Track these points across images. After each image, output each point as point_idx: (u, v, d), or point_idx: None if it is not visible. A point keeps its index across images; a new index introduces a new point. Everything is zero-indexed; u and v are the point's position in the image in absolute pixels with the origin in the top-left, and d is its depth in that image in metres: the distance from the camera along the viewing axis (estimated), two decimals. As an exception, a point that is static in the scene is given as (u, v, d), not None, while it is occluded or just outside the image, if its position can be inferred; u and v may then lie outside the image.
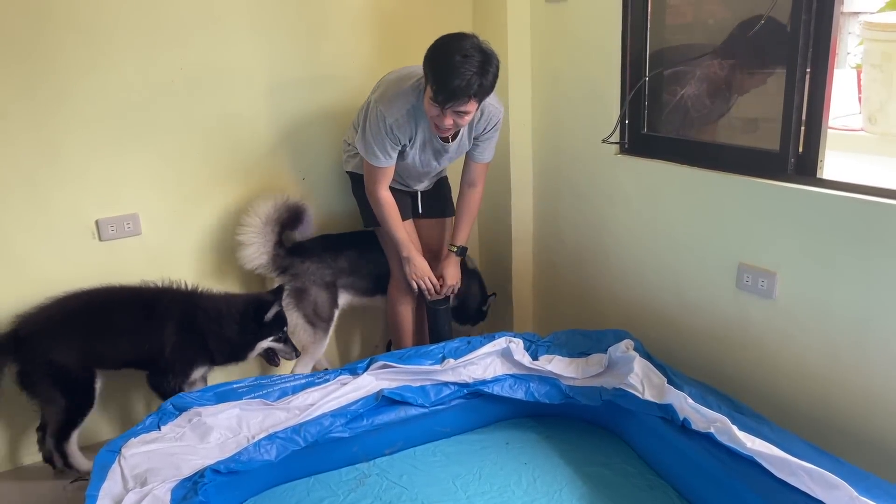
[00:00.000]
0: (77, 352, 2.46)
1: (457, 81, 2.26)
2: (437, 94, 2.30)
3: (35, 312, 2.49)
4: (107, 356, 2.54)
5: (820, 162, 2.10)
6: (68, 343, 2.45)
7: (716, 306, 2.44)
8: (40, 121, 2.50)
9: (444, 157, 2.70)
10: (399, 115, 2.49)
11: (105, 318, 2.52)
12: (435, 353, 2.47)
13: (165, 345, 2.53)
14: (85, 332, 2.48)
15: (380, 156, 2.56)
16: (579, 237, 3.03)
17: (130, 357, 2.56)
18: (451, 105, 2.32)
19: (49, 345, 2.43)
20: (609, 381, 2.37)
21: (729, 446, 1.93)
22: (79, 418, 2.50)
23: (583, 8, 2.78)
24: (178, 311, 2.56)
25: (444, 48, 2.32)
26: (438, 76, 2.29)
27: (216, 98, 2.77)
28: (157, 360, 2.54)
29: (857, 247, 1.98)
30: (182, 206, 2.80)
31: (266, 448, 2.10)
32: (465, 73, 2.25)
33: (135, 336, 2.53)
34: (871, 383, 2.01)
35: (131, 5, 2.55)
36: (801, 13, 2.01)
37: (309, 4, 2.85)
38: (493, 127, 2.66)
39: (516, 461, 2.33)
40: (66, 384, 2.46)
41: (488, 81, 2.33)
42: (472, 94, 2.30)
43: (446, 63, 2.27)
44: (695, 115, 2.62)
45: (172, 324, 2.54)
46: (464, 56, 2.26)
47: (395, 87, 2.53)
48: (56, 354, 2.43)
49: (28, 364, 2.43)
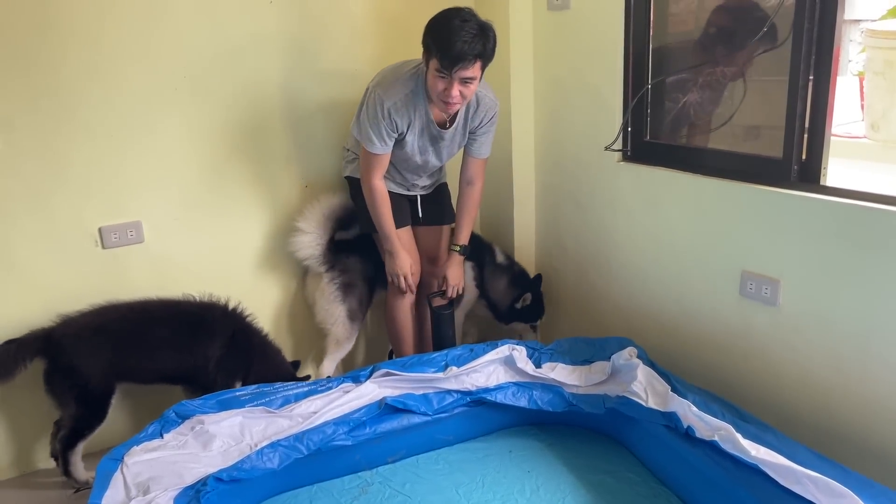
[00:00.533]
0: (103, 364, 2.48)
1: (459, 44, 2.30)
2: (443, 58, 2.33)
3: (75, 317, 2.52)
4: (140, 370, 2.57)
5: (823, 169, 2.10)
6: (96, 354, 2.48)
7: (719, 314, 2.43)
8: (44, 130, 2.51)
9: (442, 147, 2.69)
10: (397, 99, 2.51)
11: (144, 332, 2.55)
12: (438, 360, 2.46)
13: (210, 360, 2.56)
14: (118, 346, 2.51)
15: (375, 141, 2.57)
16: (582, 245, 3.02)
17: (169, 372, 2.59)
18: (458, 68, 2.34)
19: (76, 351, 2.46)
20: (612, 388, 2.36)
21: (733, 454, 1.92)
22: (87, 430, 2.51)
23: (585, 16, 2.79)
24: (226, 328, 2.62)
25: (441, 18, 2.37)
26: (441, 42, 2.33)
27: (219, 106, 2.77)
28: (200, 375, 2.57)
29: (861, 254, 1.97)
30: (185, 213, 2.81)
31: (269, 456, 2.10)
32: (467, 35, 2.30)
33: (178, 351, 2.57)
34: (875, 391, 2.00)
35: (134, 15, 2.56)
36: (804, 21, 2.02)
37: (312, 16, 2.86)
38: (489, 120, 2.68)
39: (519, 469, 2.32)
40: (83, 394, 2.48)
41: (490, 45, 2.38)
42: (476, 55, 2.34)
43: (447, 28, 2.32)
44: (697, 122, 2.62)
45: (219, 339, 2.59)
46: (463, 20, 2.32)
47: (392, 73, 2.58)
48: (80, 362, 2.46)
49: (52, 364, 2.47)
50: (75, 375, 2.46)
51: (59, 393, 2.49)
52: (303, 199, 3.01)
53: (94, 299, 2.66)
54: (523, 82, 3.09)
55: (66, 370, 2.46)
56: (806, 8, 2.01)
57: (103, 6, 2.50)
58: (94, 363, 2.47)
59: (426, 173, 2.84)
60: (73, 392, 2.48)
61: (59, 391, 2.49)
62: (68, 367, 2.46)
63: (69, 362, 2.46)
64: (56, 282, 2.62)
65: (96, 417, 2.51)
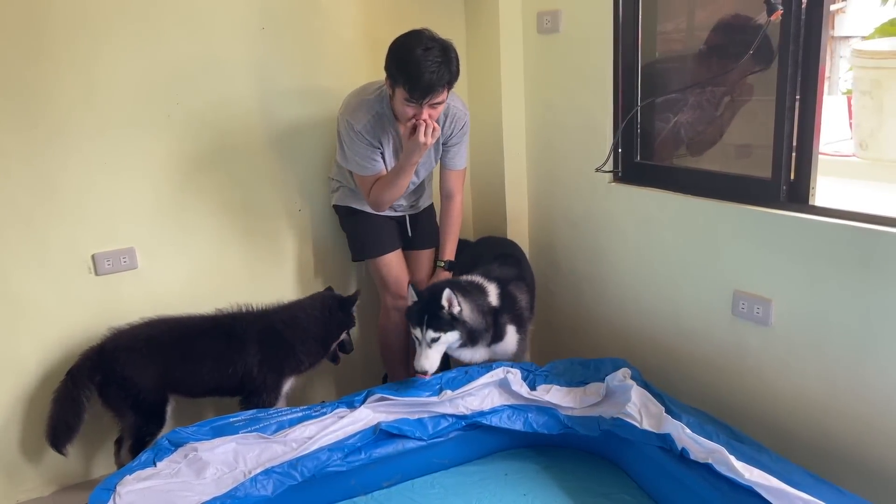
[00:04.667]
0: (154, 374, 2.52)
1: (427, 75, 2.31)
2: (413, 91, 2.34)
3: (125, 329, 2.57)
4: (187, 384, 2.60)
5: (812, 189, 2.11)
6: (146, 365, 2.51)
7: (712, 334, 2.43)
8: (37, 157, 2.51)
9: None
10: (365, 121, 2.54)
11: (186, 346, 2.58)
12: (432, 384, 2.46)
13: (251, 365, 2.59)
14: (166, 359, 2.54)
15: (364, 164, 2.59)
16: (575, 265, 3.03)
17: (214, 384, 2.62)
18: (428, 99, 2.36)
19: (127, 361, 2.50)
20: (607, 410, 2.35)
21: (728, 476, 1.91)
22: (149, 437, 2.53)
23: (574, 38, 2.81)
24: (256, 331, 2.63)
25: (403, 48, 2.36)
26: (408, 75, 2.33)
27: (212, 131, 2.79)
28: (247, 382, 2.60)
29: (851, 273, 1.98)
30: (178, 239, 2.81)
31: (262, 483, 2.09)
32: (433, 65, 2.31)
33: (217, 363, 2.59)
34: (870, 410, 2.00)
35: (127, 42, 2.58)
36: (790, 43, 2.04)
37: (303, 41, 2.89)
38: (460, 129, 2.69)
39: (515, 492, 2.31)
40: (138, 403, 2.52)
41: (455, 67, 2.39)
42: (445, 83, 2.36)
43: (412, 60, 2.32)
44: (687, 142, 2.64)
45: (253, 344, 2.61)
46: (425, 49, 2.32)
47: (356, 97, 2.61)
48: (132, 372, 2.50)
49: (106, 376, 2.50)
50: (128, 386, 2.50)
51: (114, 404, 2.54)
52: (297, 223, 3.02)
53: (88, 326, 2.68)
54: (515, 105, 3.11)
55: (119, 381, 2.50)
56: (791, 28, 2.03)
57: (97, 34, 2.52)
58: (145, 373, 2.51)
59: (407, 191, 2.82)
60: (128, 402, 2.52)
61: (115, 402, 2.54)
62: (121, 379, 2.50)
63: (122, 373, 2.49)
64: (49, 309, 2.62)
65: (155, 424, 2.53)
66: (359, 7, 2.97)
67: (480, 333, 2.55)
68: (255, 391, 2.61)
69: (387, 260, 2.84)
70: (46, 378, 2.65)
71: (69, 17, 2.47)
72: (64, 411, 2.50)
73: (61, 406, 2.51)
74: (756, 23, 2.20)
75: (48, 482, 2.74)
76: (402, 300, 2.89)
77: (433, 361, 2.47)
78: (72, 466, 2.77)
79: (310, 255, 3.10)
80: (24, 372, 2.63)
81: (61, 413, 2.51)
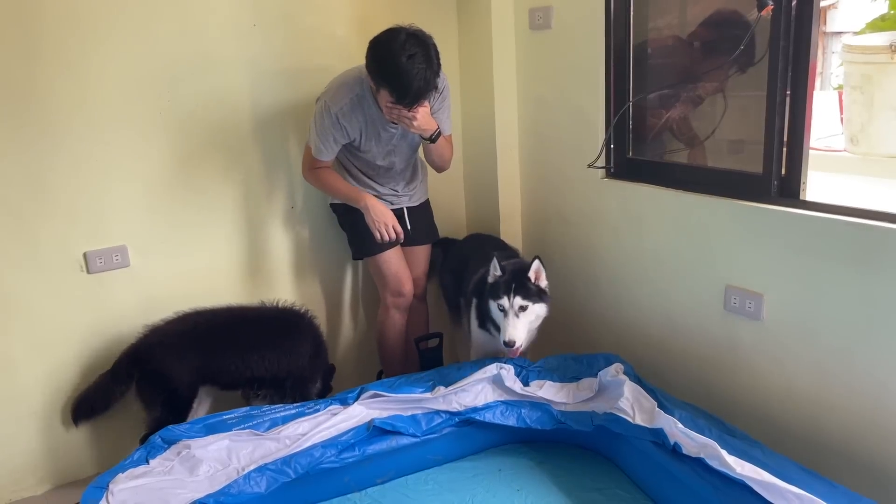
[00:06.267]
0: (190, 368, 2.57)
1: (416, 83, 2.31)
2: (401, 98, 2.35)
3: (160, 325, 2.63)
4: (227, 373, 2.63)
5: (803, 184, 2.12)
6: (184, 359, 2.56)
7: (704, 329, 2.44)
8: (27, 155, 2.50)
9: (398, 141, 2.68)
10: (343, 104, 2.53)
11: (235, 334, 2.65)
12: (425, 380, 2.46)
13: (304, 358, 2.71)
14: (206, 349, 2.59)
15: (322, 148, 2.61)
16: (567, 261, 3.04)
17: (259, 373, 2.65)
18: (419, 104, 2.38)
19: (165, 358, 2.55)
20: (600, 405, 2.36)
21: (720, 470, 1.92)
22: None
23: (566, 35, 2.81)
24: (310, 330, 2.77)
25: (385, 53, 2.34)
26: (395, 83, 2.33)
27: (204, 129, 2.78)
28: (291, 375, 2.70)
29: (842, 268, 1.99)
30: (170, 237, 2.80)
31: (256, 480, 2.08)
32: (419, 73, 2.30)
33: (273, 351, 2.66)
34: (861, 404, 2.01)
35: (118, 40, 2.57)
36: (780, 38, 2.04)
37: (296, 38, 2.88)
38: (440, 96, 2.65)
39: (509, 488, 2.31)
40: (171, 398, 2.56)
41: (437, 66, 2.38)
42: (433, 87, 2.38)
43: (397, 68, 2.31)
44: (679, 138, 2.64)
45: (309, 341, 2.75)
46: (409, 56, 2.30)
47: (337, 81, 2.61)
48: (169, 369, 2.55)
49: (143, 373, 2.56)
50: (165, 382, 2.54)
51: (146, 397, 2.59)
52: (289, 220, 3.02)
53: (80, 325, 2.68)
54: (507, 101, 3.11)
55: (156, 377, 2.54)
56: (782, 24, 2.04)
57: (88, 34, 2.51)
58: (182, 368, 2.56)
59: (399, 175, 2.82)
60: (162, 397, 2.56)
61: (149, 397, 2.58)
62: (158, 375, 2.54)
63: (159, 369, 2.54)
64: (41, 307, 2.61)
65: (177, 421, 2.52)
66: (352, 4, 2.97)
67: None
68: (301, 379, 2.72)
69: (386, 257, 2.84)
70: (37, 377, 2.65)
71: (60, 15, 2.46)
72: (95, 397, 2.58)
73: (95, 392, 2.58)
74: (746, 19, 2.21)
75: (40, 481, 2.73)
76: (401, 297, 2.89)
77: (521, 332, 2.41)
78: (64, 465, 2.76)
79: (303, 253, 3.10)
80: (15, 371, 2.61)
81: (93, 397, 2.58)
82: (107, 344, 2.73)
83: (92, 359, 2.72)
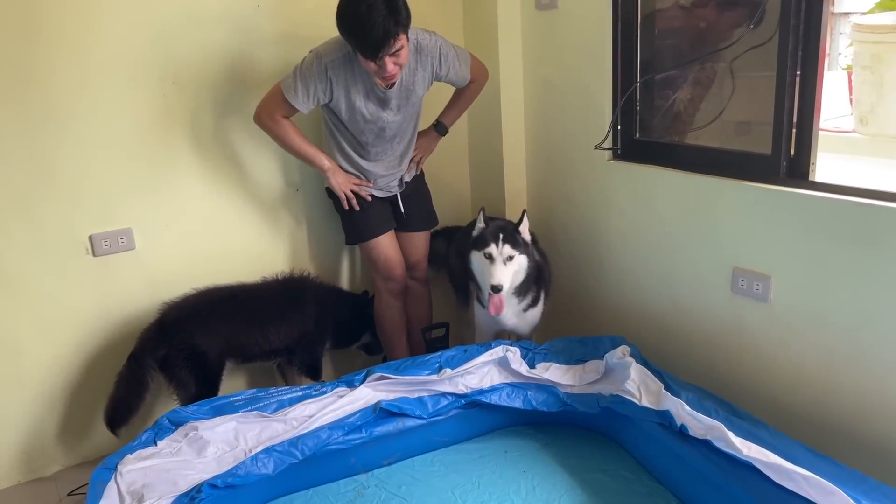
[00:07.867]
0: (218, 341, 2.61)
1: (374, 33, 2.27)
2: (366, 51, 2.33)
3: (180, 301, 2.67)
4: (251, 346, 2.69)
5: (812, 165, 2.10)
6: (211, 331, 2.61)
7: (711, 311, 2.43)
8: (32, 139, 2.50)
9: (393, 106, 2.62)
10: (335, 57, 2.49)
11: (255, 310, 2.70)
12: (432, 362, 2.46)
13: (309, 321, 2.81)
14: (231, 324, 2.64)
15: (299, 92, 2.51)
16: (574, 243, 3.03)
17: (278, 345, 2.75)
18: (383, 53, 2.33)
19: (193, 330, 2.58)
20: (606, 387, 2.36)
21: (727, 452, 1.92)
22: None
23: (573, 15, 2.79)
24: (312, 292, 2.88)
25: (346, 8, 2.32)
26: (357, 36, 2.32)
27: (208, 111, 2.77)
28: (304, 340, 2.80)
29: (851, 249, 1.98)
30: (176, 219, 2.80)
31: (263, 461, 2.09)
32: (377, 22, 2.26)
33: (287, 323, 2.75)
34: (868, 386, 2.01)
35: (121, 22, 2.55)
36: (790, 18, 2.02)
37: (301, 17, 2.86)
38: (442, 56, 2.61)
39: (515, 469, 2.32)
40: (201, 371, 2.57)
41: (403, 15, 2.32)
42: (396, 33, 2.31)
43: (355, 20, 2.29)
44: (687, 119, 2.62)
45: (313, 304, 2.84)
46: (368, 6, 2.26)
47: (332, 38, 2.52)
48: (198, 340, 2.57)
49: (171, 348, 2.55)
50: (197, 355, 2.55)
51: (178, 375, 2.57)
52: (293, 203, 3.01)
53: (86, 308, 2.68)
54: (513, 82, 3.09)
55: (188, 351, 2.55)
56: (792, 3, 2.01)
57: (90, 14, 2.50)
58: (211, 341, 2.59)
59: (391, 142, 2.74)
60: (194, 372, 2.56)
61: (179, 373, 2.57)
62: (190, 348, 2.55)
63: (190, 342, 2.55)
64: (47, 290, 2.61)
65: (210, 395, 2.55)
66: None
67: (530, 281, 2.61)
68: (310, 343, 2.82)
69: (376, 242, 2.83)
70: (44, 360, 2.66)
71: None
72: (128, 393, 2.55)
73: (126, 388, 2.55)
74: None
75: (49, 462, 2.76)
76: (391, 282, 2.88)
77: (506, 276, 2.49)
78: (72, 446, 2.79)
79: (306, 236, 3.10)
80: (21, 354, 2.63)
81: (125, 395, 2.55)
82: (112, 326, 2.74)
83: (97, 341, 2.73)
